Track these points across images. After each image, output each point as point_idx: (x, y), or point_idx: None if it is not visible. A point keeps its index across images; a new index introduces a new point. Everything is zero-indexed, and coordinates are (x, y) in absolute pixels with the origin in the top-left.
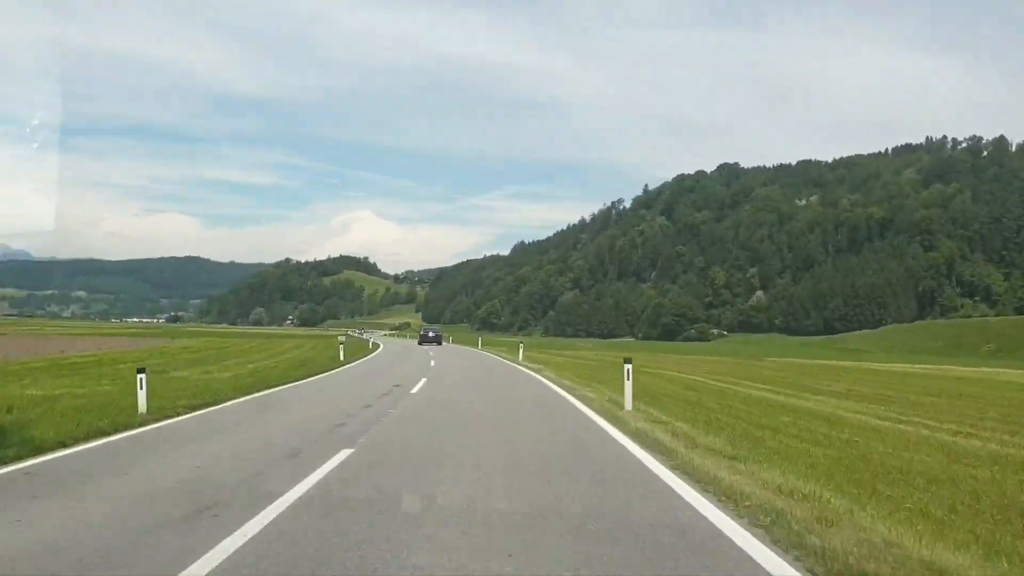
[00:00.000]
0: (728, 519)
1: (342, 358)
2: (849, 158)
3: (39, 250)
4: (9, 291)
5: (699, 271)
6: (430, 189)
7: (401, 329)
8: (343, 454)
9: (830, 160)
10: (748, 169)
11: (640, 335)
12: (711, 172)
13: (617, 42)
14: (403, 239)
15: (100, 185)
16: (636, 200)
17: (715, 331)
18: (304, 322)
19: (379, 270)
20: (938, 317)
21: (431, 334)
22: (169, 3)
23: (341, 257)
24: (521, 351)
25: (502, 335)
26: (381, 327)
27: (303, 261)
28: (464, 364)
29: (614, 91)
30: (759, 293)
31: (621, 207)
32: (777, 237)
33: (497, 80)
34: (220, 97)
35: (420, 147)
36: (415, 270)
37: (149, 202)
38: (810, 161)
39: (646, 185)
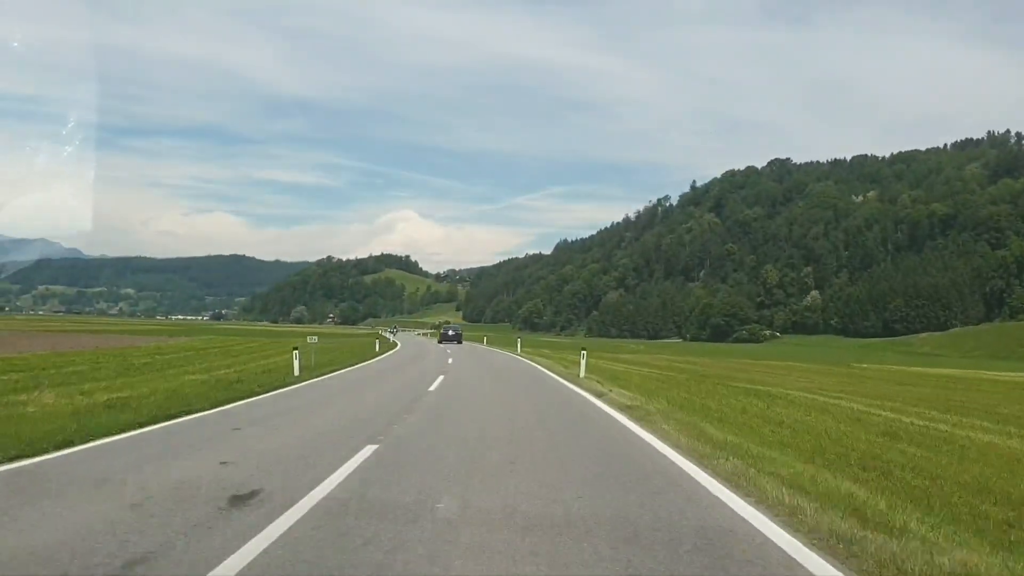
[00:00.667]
0: None
1: (296, 372)
2: (907, 153)
3: (89, 248)
4: (59, 288)
5: (750, 270)
6: (473, 189)
7: (439, 328)
8: None
9: (887, 155)
10: (800, 165)
11: (688, 336)
12: (762, 168)
13: (664, 40)
14: (446, 239)
15: (151, 185)
16: (683, 197)
17: (767, 332)
18: (345, 320)
19: (420, 268)
20: (1007, 319)
21: (451, 332)
22: (220, 4)
23: (383, 255)
24: (583, 366)
25: (544, 335)
26: (421, 325)
27: (344, 260)
28: (492, 392)
29: (660, 89)
30: (814, 293)
31: (667, 204)
32: (833, 235)
33: (542, 79)
34: (268, 98)
35: (464, 147)
36: (457, 270)
37: (197, 202)
38: (866, 156)
39: (693, 182)
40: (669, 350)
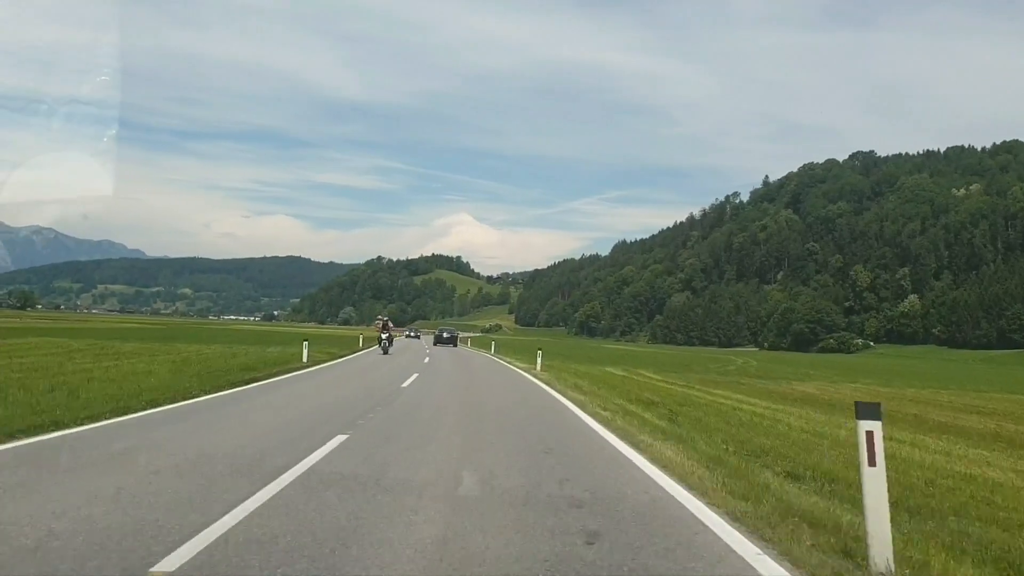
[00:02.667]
0: None
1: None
2: (1010, 143)
3: (152, 249)
4: (119, 287)
5: (836, 271)
6: (528, 193)
7: (490, 332)
8: None
9: (988, 146)
10: (887, 157)
11: (766, 344)
12: (843, 161)
13: (721, 43)
14: (500, 242)
15: (211, 188)
16: (755, 193)
17: (859, 341)
18: (393, 322)
19: (471, 270)
20: None
21: (445, 335)
22: (281, 12)
23: (433, 256)
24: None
25: (603, 340)
26: (472, 328)
27: (395, 260)
28: None
29: (717, 93)
30: (912, 297)
31: (737, 201)
32: (932, 232)
33: (598, 83)
34: (326, 101)
35: (519, 151)
36: (510, 273)
37: (257, 204)
38: (963, 148)
39: (766, 176)
40: (770, 360)
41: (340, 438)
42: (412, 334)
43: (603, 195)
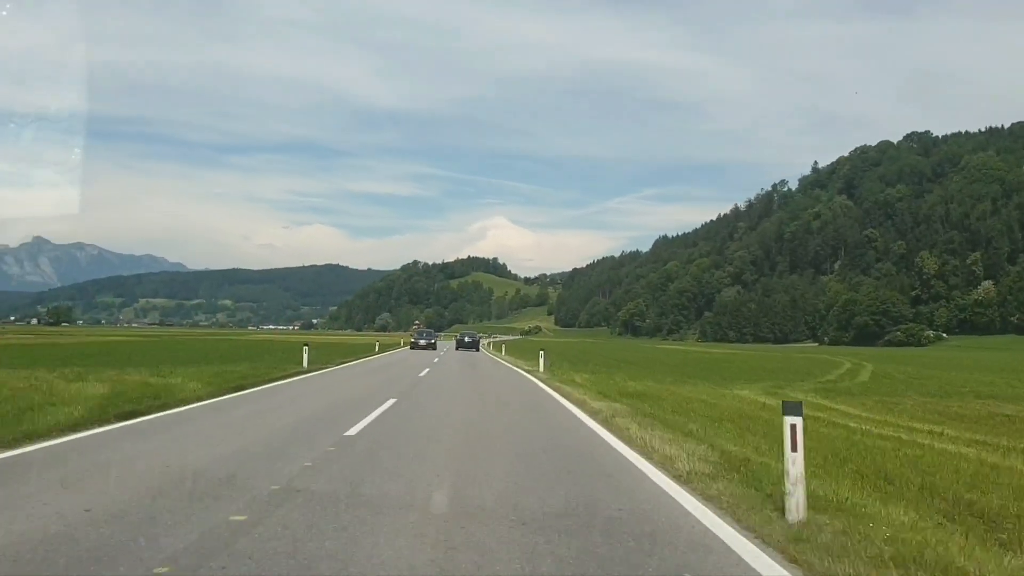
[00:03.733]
0: None
1: None
2: None
3: (193, 262)
4: (160, 301)
5: (899, 258)
6: (563, 194)
7: (530, 334)
8: None
9: None
10: (946, 137)
11: (826, 339)
12: (898, 142)
13: (756, 36)
14: (536, 244)
15: (251, 200)
16: (804, 180)
17: (930, 333)
18: (430, 326)
19: (508, 271)
20: None
21: (467, 339)
22: (316, 24)
23: (469, 259)
24: None
25: (648, 340)
26: (511, 331)
27: (431, 264)
28: None
29: (753, 86)
30: (986, 283)
31: (785, 189)
32: (1004, 212)
33: (630, 81)
34: (361, 111)
35: (554, 153)
36: (548, 274)
37: (295, 214)
38: None
39: (815, 163)
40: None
41: None
42: (424, 340)
43: (639, 193)
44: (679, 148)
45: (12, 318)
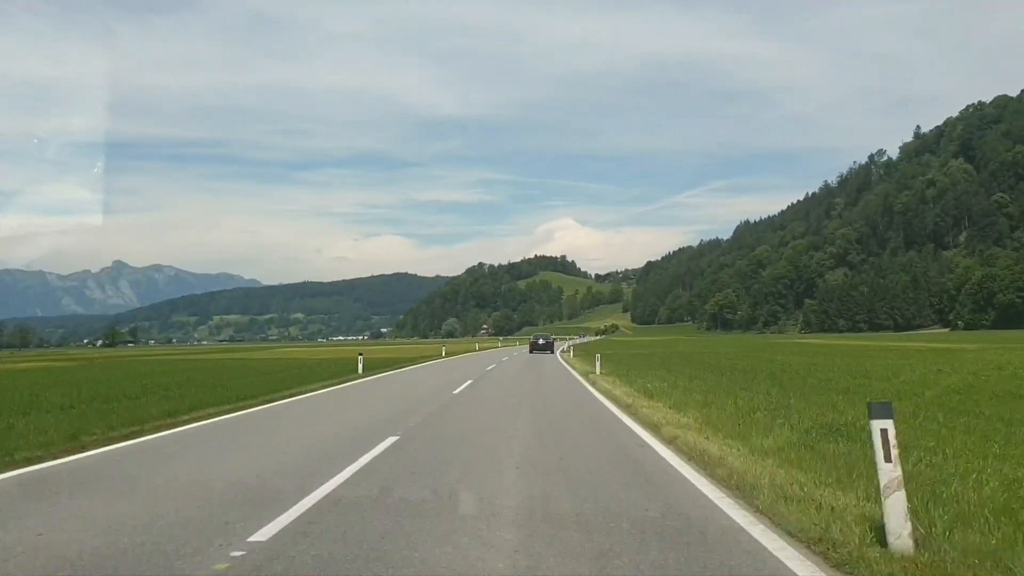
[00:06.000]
0: None
1: None
2: None
3: (267, 278)
4: (233, 317)
5: None
6: (629, 191)
7: (608, 333)
8: None
9: None
10: None
11: (960, 323)
12: (1020, 95)
13: (822, 20)
14: (604, 243)
15: (322, 214)
16: (906, 147)
17: None
18: (499, 331)
19: (578, 269)
20: None
21: (541, 341)
22: (375, 36)
23: (536, 258)
24: None
25: (743, 333)
26: (585, 331)
27: (495, 265)
28: None
29: (822, 71)
30: None
31: (884, 159)
32: None
33: (693, 73)
34: (425, 120)
35: (618, 150)
36: (619, 271)
37: (365, 226)
38: None
39: (917, 127)
40: None
41: None
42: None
43: (707, 186)
44: (747, 138)
45: (86, 341)
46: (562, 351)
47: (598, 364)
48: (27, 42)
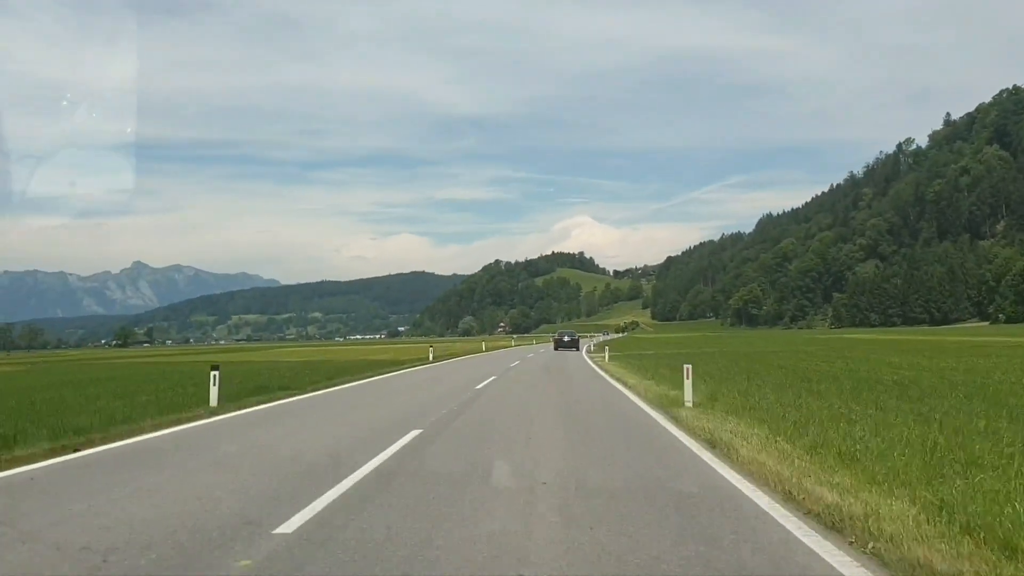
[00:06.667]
0: None
1: None
2: None
3: (286, 278)
4: (252, 317)
5: None
6: (646, 188)
7: (629, 329)
8: None
9: None
10: None
11: (1001, 316)
12: None
13: (839, 12)
14: (622, 240)
15: (340, 214)
16: (936, 135)
17: None
18: (516, 328)
19: (596, 265)
20: None
21: (566, 338)
22: (391, 35)
23: (554, 254)
24: None
25: (769, 329)
26: (604, 328)
27: (512, 262)
28: None
29: (840, 64)
30: None
31: (913, 146)
32: None
33: (710, 68)
34: (441, 118)
35: (634, 147)
36: (637, 267)
37: (383, 225)
38: None
39: (947, 114)
40: None
41: None
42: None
43: (725, 181)
44: (765, 133)
45: (103, 341)
46: (588, 350)
47: (689, 391)
48: (48, 46)
